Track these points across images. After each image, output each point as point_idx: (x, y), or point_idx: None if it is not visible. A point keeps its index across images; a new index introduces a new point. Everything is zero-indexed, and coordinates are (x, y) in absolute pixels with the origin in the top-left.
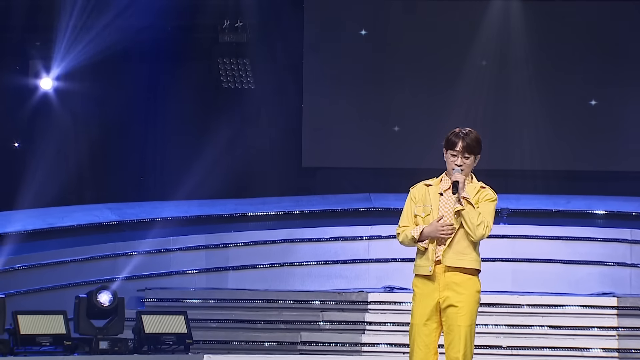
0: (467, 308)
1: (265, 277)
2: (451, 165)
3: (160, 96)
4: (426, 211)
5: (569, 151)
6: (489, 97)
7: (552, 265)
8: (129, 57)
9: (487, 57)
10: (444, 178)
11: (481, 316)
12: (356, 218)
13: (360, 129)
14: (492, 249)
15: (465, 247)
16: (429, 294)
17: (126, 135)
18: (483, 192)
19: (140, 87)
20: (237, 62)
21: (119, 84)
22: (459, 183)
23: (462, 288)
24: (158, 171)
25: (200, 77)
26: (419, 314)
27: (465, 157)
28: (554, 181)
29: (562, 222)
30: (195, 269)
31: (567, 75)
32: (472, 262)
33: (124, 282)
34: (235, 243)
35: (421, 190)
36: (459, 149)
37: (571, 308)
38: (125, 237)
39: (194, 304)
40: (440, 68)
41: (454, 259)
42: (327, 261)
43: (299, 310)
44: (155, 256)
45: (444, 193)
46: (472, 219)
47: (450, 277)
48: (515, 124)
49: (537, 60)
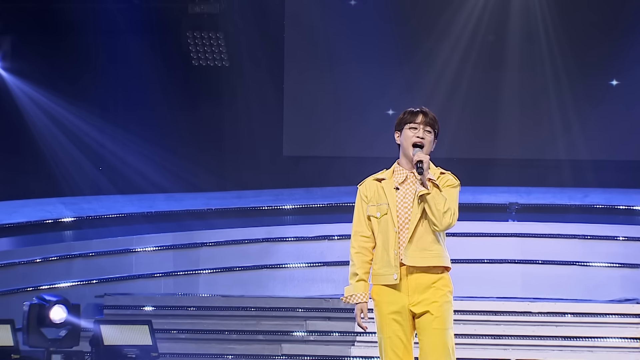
0: (442, 310)
1: (241, 281)
2: (410, 140)
3: (119, 75)
4: (382, 210)
5: (587, 138)
6: (495, 77)
7: (567, 268)
8: (82, 29)
9: (493, 32)
10: (397, 169)
11: (486, 325)
12: (345, 214)
13: (349, 113)
14: (499, 249)
15: (429, 242)
16: (395, 300)
17: (81, 120)
18: (444, 178)
19: (96, 65)
20: (209, 36)
21: (71, 61)
22: (423, 163)
23: (434, 290)
24: (119, 161)
25: (166, 53)
26: (387, 325)
27: (427, 132)
28: (569, 172)
29: (578, 219)
30: (161, 272)
31: (584, 51)
32: (438, 259)
33: (80, 287)
34: (207, 242)
35: (372, 186)
36: (420, 121)
37: (589, 317)
38: (81, 236)
39: (159, 312)
40: (442, 43)
41: (417, 257)
42: (312, 263)
43: (279, 319)
44: (115, 257)
45: (400, 187)
46: (437, 204)
47: (417, 279)
48: (524, 107)
49: (550, 34)
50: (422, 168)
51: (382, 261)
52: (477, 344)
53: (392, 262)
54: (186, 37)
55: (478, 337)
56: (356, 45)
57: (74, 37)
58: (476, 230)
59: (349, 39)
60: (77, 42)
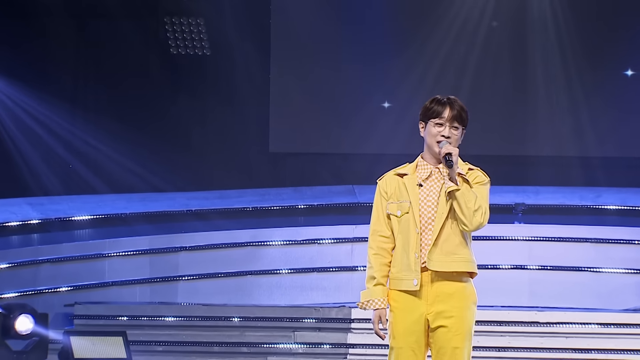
0: (463, 326)
1: (224, 288)
2: (435, 138)
3: (90, 65)
4: (403, 209)
5: (599, 133)
6: (500, 66)
7: (578, 274)
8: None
9: (498, 17)
10: (420, 163)
11: (490, 337)
12: (337, 215)
13: (341, 106)
14: (504, 254)
15: (456, 245)
16: (414, 308)
17: (49, 112)
18: (472, 174)
19: (64, 53)
20: (188, 22)
21: (37, 47)
22: (452, 155)
23: (456, 300)
24: (90, 158)
25: (142, 40)
26: (402, 334)
27: (454, 128)
28: (581, 170)
29: (590, 221)
30: (136, 278)
31: (597, 40)
32: (466, 264)
33: (49, 295)
34: (187, 247)
35: (393, 182)
36: (446, 117)
37: (602, 327)
38: (49, 240)
39: (135, 322)
40: (441, 30)
41: (443, 261)
42: (301, 269)
43: (265, 330)
44: (87, 263)
45: (424, 183)
46: (468, 202)
47: (440, 287)
48: (532, 100)
49: (560, 21)
50: (452, 161)
51: (401, 264)
52: (480, 357)
53: (412, 266)
54: (164, 22)
55: (482, 350)
56: (348, 32)
57: (41, 20)
58: (479, 233)
59: (340, 26)
60: (44, 27)
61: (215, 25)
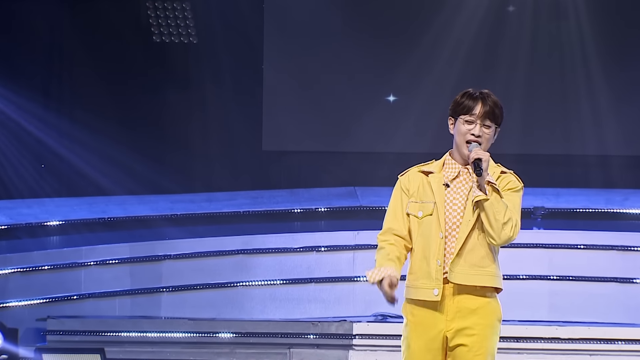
0: (485, 345)
1: (212, 301)
2: (464, 137)
3: (64, 54)
4: (425, 210)
5: (627, 130)
6: (517, 56)
7: (603, 285)
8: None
9: (515, 1)
10: (448, 162)
11: (507, 355)
12: (337, 220)
13: (340, 100)
14: (522, 263)
15: (482, 257)
16: (432, 324)
17: (18, 108)
18: (505, 179)
19: (35, 41)
20: (173, 7)
21: (2, 33)
22: (481, 161)
23: (479, 317)
24: (63, 157)
25: (122, 27)
26: (417, 352)
27: (486, 127)
28: (606, 170)
29: (616, 226)
30: (116, 290)
31: (620, 30)
32: (491, 278)
33: (18, 309)
34: (171, 255)
35: (416, 179)
36: (477, 114)
37: (629, 344)
38: (19, 247)
39: (114, 338)
40: (450, 16)
41: (467, 274)
42: (298, 279)
43: (258, 346)
44: (61, 272)
45: (451, 184)
46: (497, 213)
47: (462, 301)
48: (553, 94)
49: (580, 11)
50: (482, 168)
51: (419, 271)
52: None
53: (433, 274)
54: (146, 7)
55: None
56: (348, 19)
57: (6, 4)
58: None
59: (341, 11)
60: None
61: (202, 10)
